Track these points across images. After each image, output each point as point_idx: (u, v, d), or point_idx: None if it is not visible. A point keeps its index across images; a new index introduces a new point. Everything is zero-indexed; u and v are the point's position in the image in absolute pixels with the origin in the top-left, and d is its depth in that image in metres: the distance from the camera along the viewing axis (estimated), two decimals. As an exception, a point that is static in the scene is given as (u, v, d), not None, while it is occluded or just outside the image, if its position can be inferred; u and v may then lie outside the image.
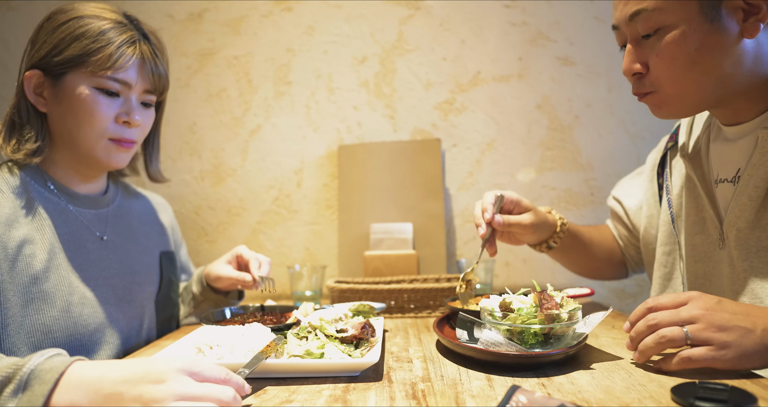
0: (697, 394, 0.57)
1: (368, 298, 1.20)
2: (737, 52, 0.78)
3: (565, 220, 1.14)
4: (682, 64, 0.80)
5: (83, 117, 0.93)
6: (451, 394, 0.65)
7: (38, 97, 0.95)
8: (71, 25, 0.93)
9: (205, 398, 0.57)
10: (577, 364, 0.75)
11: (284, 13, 1.69)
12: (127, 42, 0.94)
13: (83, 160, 0.98)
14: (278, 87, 1.70)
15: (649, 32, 0.81)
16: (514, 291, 0.89)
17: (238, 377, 0.64)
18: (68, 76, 0.93)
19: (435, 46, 1.65)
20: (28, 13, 1.75)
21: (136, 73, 0.96)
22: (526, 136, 1.64)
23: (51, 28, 0.94)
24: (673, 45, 0.79)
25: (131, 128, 0.99)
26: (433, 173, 1.59)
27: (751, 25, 0.77)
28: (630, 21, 0.83)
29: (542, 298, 0.79)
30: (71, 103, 0.93)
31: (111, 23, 0.94)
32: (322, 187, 1.69)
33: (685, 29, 0.78)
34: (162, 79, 1.02)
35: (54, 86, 0.94)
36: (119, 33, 0.94)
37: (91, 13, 0.95)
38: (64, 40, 0.92)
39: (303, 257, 1.69)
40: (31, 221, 0.90)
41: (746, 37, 0.77)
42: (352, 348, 0.80)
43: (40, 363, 0.59)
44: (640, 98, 0.88)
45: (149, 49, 0.98)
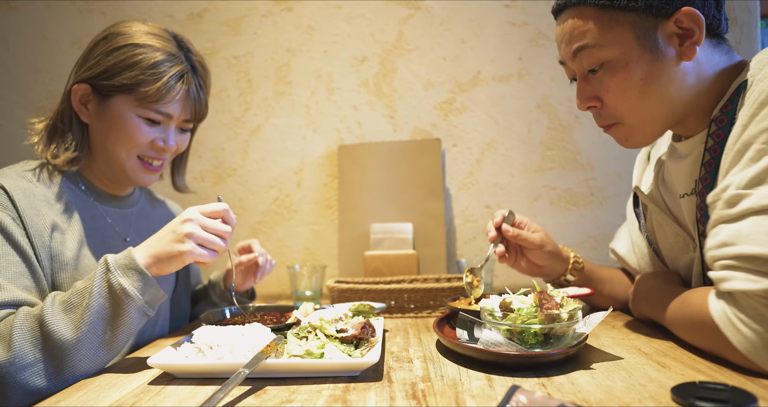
0: (697, 394, 0.57)
1: (368, 298, 1.20)
2: (680, 75, 0.81)
3: (580, 257, 1.15)
4: (633, 95, 0.83)
5: (122, 138, 0.99)
6: (451, 394, 0.65)
7: (82, 107, 1.00)
8: (126, 51, 0.96)
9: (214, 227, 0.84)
10: (577, 364, 0.75)
11: (284, 13, 1.69)
12: (176, 76, 0.98)
13: (115, 174, 1.04)
14: (278, 87, 1.70)
15: (594, 67, 0.85)
16: (514, 291, 0.89)
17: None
18: (115, 98, 0.97)
19: (435, 46, 1.65)
20: (28, 13, 1.75)
21: (179, 106, 1.01)
22: (526, 136, 1.64)
23: (106, 50, 0.97)
24: (619, 79, 0.82)
25: (164, 153, 1.04)
26: (433, 173, 1.59)
27: (687, 48, 0.80)
28: (574, 58, 0.86)
29: (542, 298, 0.79)
30: (113, 123, 0.98)
31: (164, 55, 0.97)
32: (322, 187, 1.69)
33: (627, 62, 0.81)
34: (202, 109, 1.06)
35: (99, 103, 0.99)
36: (171, 65, 0.97)
37: (146, 42, 0.97)
38: (117, 65, 0.96)
39: (303, 257, 1.69)
40: (61, 212, 0.96)
41: (684, 61, 0.80)
42: (352, 348, 0.80)
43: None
44: (606, 130, 0.90)
45: (196, 82, 1.02)
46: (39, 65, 1.75)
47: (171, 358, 0.78)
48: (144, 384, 0.74)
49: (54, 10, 1.74)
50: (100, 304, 0.77)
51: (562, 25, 0.87)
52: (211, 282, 1.28)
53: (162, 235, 0.83)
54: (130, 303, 0.78)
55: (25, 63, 1.76)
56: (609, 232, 1.61)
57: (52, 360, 0.76)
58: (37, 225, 0.89)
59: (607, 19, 0.81)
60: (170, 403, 0.66)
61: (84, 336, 0.76)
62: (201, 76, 1.05)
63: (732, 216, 0.71)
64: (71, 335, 0.76)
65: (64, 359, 0.76)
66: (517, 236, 1.07)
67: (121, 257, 0.81)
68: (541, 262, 1.10)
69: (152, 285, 0.81)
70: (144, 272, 0.79)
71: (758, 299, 0.66)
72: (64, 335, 0.75)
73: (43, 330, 0.76)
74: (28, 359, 0.75)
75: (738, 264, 0.69)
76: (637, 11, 0.79)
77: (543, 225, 1.62)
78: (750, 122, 0.73)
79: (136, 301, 0.79)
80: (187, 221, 0.82)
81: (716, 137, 0.80)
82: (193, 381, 0.74)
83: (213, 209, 0.85)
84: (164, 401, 0.66)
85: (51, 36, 1.74)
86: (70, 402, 0.68)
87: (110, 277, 0.78)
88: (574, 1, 0.84)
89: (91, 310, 0.76)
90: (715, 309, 0.72)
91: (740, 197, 0.71)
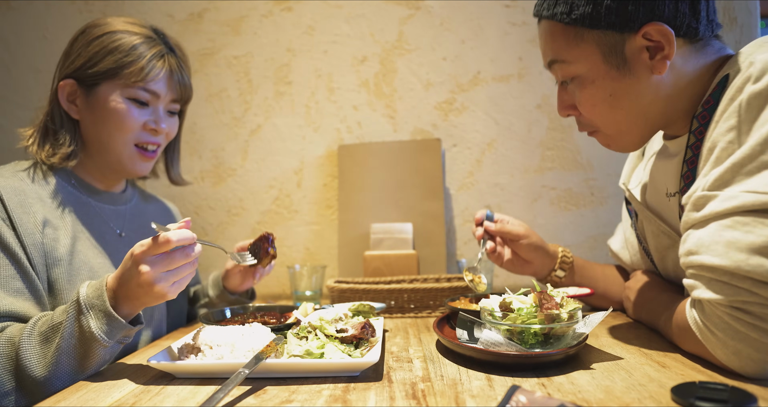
0: (697, 394, 0.57)
1: (368, 298, 1.20)
2: (652, 88, 0.80)
3: (570, 252, 1.16)
4: (603, 110, 0.83)
5: (114, 124, 1.00)
6: (451, 394, 0.65)
7: (71, 105, 1.01)
8: (105, 39, 0.99)
9: (176, 261, 0.77)
10: (577, 364, 0.75)
11: (284, 13, 1.69)
12: (157, 56, 1.01)
13: (111, 165, 1.05)
14: (278, 87, 1.70)
15: (566, 79, 0.86)
16: (514, 291, 0.89)
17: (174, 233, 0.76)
18: (101, 86, 0.99)
19: (435, 46, 1.65)
20: (28, 13, 1.75)
21: (165, 84, 1.03)
22: (526, 136, 1.64)
23: (85, 41, 1.00)
24: (588, 94, 0.83)
25: (157, 135, 1.05)
26: (433, 173, 1.59)
27: (658, 62, 0.77)
28: (549, 68, 0.87)
29: (542, 298, 0.79)
30: (103, 111, 1.00)
31: (141, 38, 1.01)
32: (322, 187, 1.69)
33: (594, 79, 0.81)
34: (187, 89, 1.09)
35: (87, 95, 1.00)
36: (149, 47, 1.01)
37: (123, 28, 1.01)
38: (99, 53, 0.98)
39: (303, 257, 1.69)
40: (54, 209, 0.96)
41: (655, 74, 0.78)
42: (352, 348, 0.80)
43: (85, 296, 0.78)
44: (589, 134, 0.91)
45: (176, 61, 1.05)
46: (39, 65, 1.75)
47: (171, 358, 0.78)
48: (144, 384, 0.74)
49: (54, 10, 1.74)
50: (70, 345, 0.77)
51: (540, 35, 0.88)
52: (210, 282, 1.27)
53: (131, 288, 0.77)
54: (98, 346, 0.77)
55: (25, 63, 1.76)
56: (609, 232, 1.60)
57: (26, 389, 0.78)
58: (26, 223, 0.89)
59: (573, 35, 0.81)
60: (170, 403, 0.66)
61: (52, 373, 0.77)
62: (180, 57, 1.07)
63: (697, 220, 0.71)
64: (41, 371, 0.77)
65: (35, 391, 0.77)
66: (500, 230, 1.10)
67: (93, 294, 0.78)
68: (527, 256, 1.11)
69: (122, 328, 0.78)
70: (114, 317, 0.77)
71: (721, 309, 0.67)
72: (35, 371, 0.77)
73: (19, 363, 0.78)
74: (6, 387, 0.78)
75: (701, 273, 0.69)
76: (601, 28, 0.78)
77: (543, 225, 1.62)
78: (720, 118, 0.72)
79: (105, 344, 0.77)
80: (145, 278, 0.75)
81: (698, 134, 0.78)
82: (193, 381, 0.74)
83: (159, 247, 0.76)
84: (164, 401, 0.66)
85: (51, 36, 1.74)
86: (70, 402, 0.68)
87: (81, 318, 0.77)
88: (544, 15, 0.84)
89: (61, 350, 0.77)
90: (690, 316, 0.74)
91: (706, 199, 0.70)
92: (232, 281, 1.23)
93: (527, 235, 1.10)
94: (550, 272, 1.14)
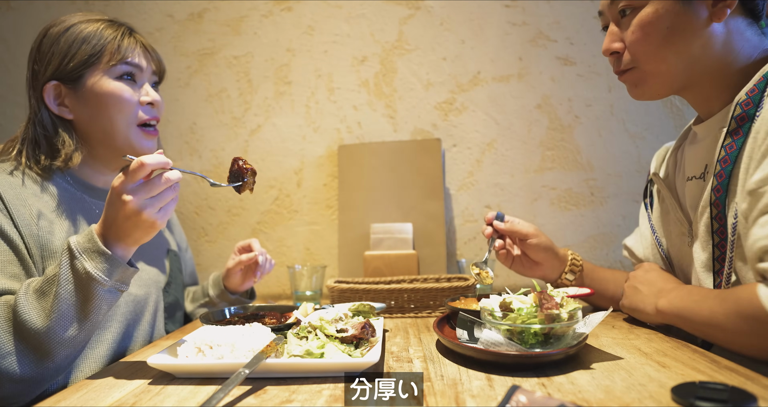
0: (697, 394, 0.57)
1: (368, 298, 1.20)
2: (706, 35, 0.83)
3: (579, 256, 1.16)
4: (655, 41, 0.85)
5: (113, 107, 1.00)
6: (451, 394, 0.65)
7: (61, 107, 1.01)
8: (72, 31, 1.00)
9: (156, 186, 0.76)
10: (577, 364, 0.75)
11: (284, 13, 1.69)
12: (126, 33, 1.04)
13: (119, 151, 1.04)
14: (278, 87, 1.70)
15: (626, 8, 0.87)
16: (514, 291, 0.89)
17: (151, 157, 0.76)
18: (85, 76, 1.00)
19: (435, 46, 1.65)
20: (28, 13, 1.75)
21: (143, 56, 1.05)
22: (526, 136, 1.64)
23: (51, 41, 1.00)
24: (646, 22, 0.85)
25: (154, 108, 1.06)
26: (433, 173, 1.59)
27: (719, 9, 0.82)
28: (611, 3, 0.89)
29: (542, 298, 0.79)
30: (97, 99, 1.00)
31: (103, 23, 1.03)
32: (322, 187, 1.69)
33: (658, 8, 0.84)
34: (161, 62, 1.11)
35: (75, 90, 1.00)
36: (114, 29, 1.03)
37: (83, 19, 1.03)
38: (72, 46, 0.99)
39: (303, 257, 1.69)
40: (48, 202, 0.96)
41: (714, 21, 0.82)
42: (352, 348, 0.80)
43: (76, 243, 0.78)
44: (620, 77, 0.93)
45: (142, 38, 1.08)
46: (39, 65, 1.75)
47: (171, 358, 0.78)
48: (144, 384, 0.74)
49: (54, 10, 1.74)
50: (68, 291, 0.77)
51: None
52: (210, 282, 1.28)
53: (120, 224, 0.77)
54: (98, 287, 0.77)
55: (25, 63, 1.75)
56: (609, 232, 1.61)
57: (29, 348, 0.77)
58: (23, 214, 0.90)
59: None
60: (170, 403, 0.66)
61: (54, 323, 0.76)
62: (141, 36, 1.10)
63: None
64: (42, 323, 0.76)
65: (39, 347, 0.77)
66: (509, 228, 1.11)
67: (83, 239, 0.79)
68: (537, 257, 1.11)
69: (119, 266, 0.79)
70: (109, 255, 0.77)
71: None
72: (36, 324, 0.76)
73: (17, 320, 0.77)
74: (7, 348, 0.77)
75: None
76: None
77: (543, 225, 1.62)
78: None
79: (104, 284, 0.78)
80: (129, 208, 0.75)
81: (740, 121, 0.81)
82: (193, 381, 0.74)
83: (134, 174, 0.75)
84: (164, 401, 0.66)
85: (51, 36, 1.74)
86: (70, 402, 0.68)
87: (75, 263, 0.77)
88: None
89: (60, 298, 0.76)
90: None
91: None
92: (233, 280, 1.23)
93: (536, 235, 1.11)
94: (560, 275, 1.14)
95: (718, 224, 0.84)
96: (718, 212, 0.83)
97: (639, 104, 1.61)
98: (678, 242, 0.97)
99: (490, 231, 1.13)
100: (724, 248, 0.84)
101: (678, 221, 0.95)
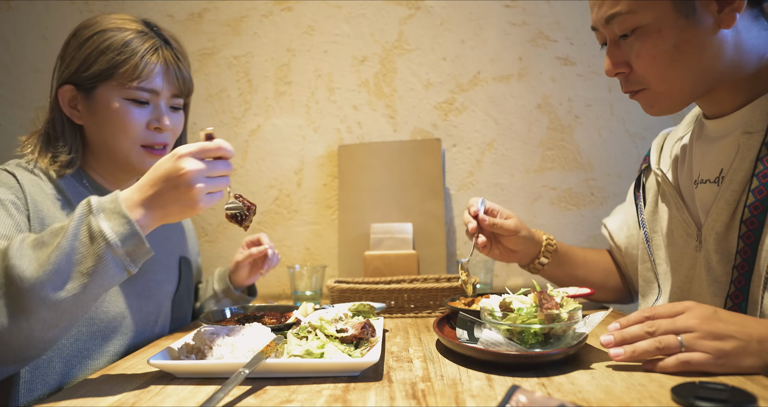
0: (697, 394, 0.57)
1: (368, 298, 1.20)
2: (716, 44, 0.79)
3: (553, 238, 1.16)
4: (663, 62, 0.81)
5: (117, 127, 0.98)
6: (451, 394, 0.65)
7: (73, 110, 1.00)
8: (96, 39, 0.97)
9: (218, 169, 0.74)
10: (577, 364, 0.75)
11: (284, 13, 1.69)
12: (150, 50, 0.98)
13: (120, 167, 1.03)
14: (278, 87, 1.70)
15: (626, 33, 0.82)
16: (514, 291, 0.89)
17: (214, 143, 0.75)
18: (99, 89, 0.97)
19: (435, 46, 1.65)
20: (28, 13, 1.75)
21: (162, 79, 1.00)
22: (526, 136, 1.64)
23: (77, 43, 0.98)
24: (651, 45, 0.80)
25: (161, 133, 1.03)
26: (433, 173, 1.59)
27: (726, 15, 0.77)
28: (606, 23, 0.83)
29: (542, 298, 0.79)
30: (104, 115, 0.98)
31: (133, 33, 0.98)
32: (322, 187, 1.69)
33: (661, 28, 0.79)
34: (186, 82, 1.05)
35: (87, 99, 0.98)
36: (142, 42, 0.97)
37: (113, 25, 0.98)
38: (91, 55, 0.96)
39: (303, 257, 1.69)
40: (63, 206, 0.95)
41: (723, 28, 0.78)
42: (352, 347, 0.80)
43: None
44: (632, 96, 0.89)
45: (171, 54, 1.02)
46: (39, 65, 1.75)
47: (171, 358, 0.78)
48: (144, 384, 0.74)
49: (54, 10, 1.74)
50: (72, 245, 0.68)
51: None
52: (216, 277, 1.29)
53: (160, 189, 0.72)
54: (108, 251, 0.68)
55: (25, 63, 1.76)
56: (609, 232, 1.61)
57: (8, 297, 0.67)
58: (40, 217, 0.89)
59: None
60: (170, 403, 0.66)
61: (46, 276, 0.66)
62: (175, 48, 1.04)
63: None
64: (32, 273, 0.66)
65: (20, 298, 0.66)
66: (493, 225, 1.07)
67: (106, 199, 0.71)
68: (516, 247, 1.11)
69: (136, 235, 0.70)
70: (130, 220, 0.69)
71: None
72: (25, 271, 0.66)
73: (5, 264, 0.67)
74: None
75: None
76: None
77: (543, 225, 1.62)
78: None
79: (115, 249, 0.69)
80: (189, 174, 0.71)
81: None
82: (193, 381, 0.74)
83: (208, 149, 0.75)
84: (164, 401, 0.66)
85: (51, 36, 1.74)
86: (70, 402, 0.68)
87: (90, 219, 0.69)
88: None
89: (61, 249, 0.67)
90: None
91: None
92: (240, 274, 1.25)
93: (519, 230, 1.09)
94: (533, 260, 1.14)
95: (744, 243, 0.79)
96: (748, 231, 0.79)
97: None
98: (682, 243, 0.93)
99: (475, 226, 1.07)
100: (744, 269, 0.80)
101: (684, 222, 0.92)
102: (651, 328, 0.71)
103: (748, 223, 0.79)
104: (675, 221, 0.95)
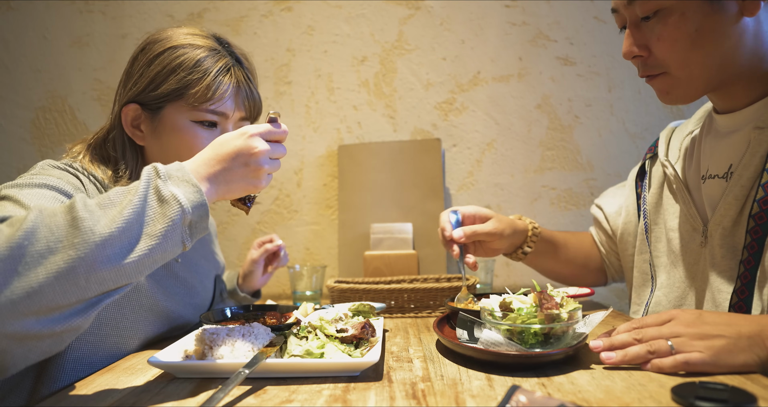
0: (697, 394, 0.57)
1: (368, 298, 1.20)
2: (737, 32, 0.78)
3: (537, 225, 1.15)
4: (684, 46, 0.80)
5: (183, 150, 0.92)
6: (451, 394, 0.65)
7: (135, 130, 0.94)
8: (166, 56, 0.91)
9: (279, 152, 0.76)
10: (577, 364, 0.75)
11: (284, 13, 1.69)
12: (223, 70, 0.92)
13: None
14: (278, 87, 1.70)
15: (648, 14, 0.81)
16: (514, 291, 0.89)
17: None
18: (166, 109, 0.92)
19: (435, 46, 1.65)
20: (28, 13, 1.75)
21: (232, 102, 0.94)
22: (526, 136, 1.64)
23: (146, 60, 0.92)
24: (673, 27, 0.79)
25: None
26: (433, 173, 1.59)
27: (750, 3, 0.76)
28: (629, 4, 0.83)
29: (542, 298, 0.79)
30: (170, 136, 0.92)
31: (205, 51, 0.92)
32: (322, 187, 1.69)
33: (684, 11, 0.78)
34: (257, 104, 1.00)
35: (152, 120, 0.93)
36: (215, 61, 0.92)
37: (184, 41, 0.92)
38: (161, 73, 0.90)
39: (303, 257, 1.69)
40: None
41: (746, 16, 0.77)
42: (352, 347, 0.80)
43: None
44: (648, 81, 0.88)
45: (243, 74, 0.96)
46: (39, 65, 1.75)
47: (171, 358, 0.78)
48: (144, 384, 0.74)
49: (54, 10, 1.74)
50: (143, 205, 0.63)
51: None
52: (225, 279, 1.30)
53: (229, 166, 0.71)
54: (180, 215, 0.64)
55: (25, 63, 1.76)
56: (609, 232, 1.61)
57: (75, 248, 0.58)
58: None
59: None
60: (170, 403, 0.66)
61: (117, 233, 0.60)
62: (248, 68, 0.99)
63: None
64: (104, 226, 0.60)
65: (87, 251, 0.58)
66: (473, 235, 1.05)
67: (172, 167, 0.68)
68: (500, 246, 1.11)
69: (204, 206, 0.67)
70: (200, 190, 0.67)
71: None
72: (95, 226, 0.59)
73: (72, 215, 0.59)
74: (39, 246, 0.57)
75: None
76: None
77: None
78: None
79: (186, 215, 0.65)
80: (260, 154, 0.72)
81: None
82: (193, 381, 0.74)
83: (276, 132, 0.76)
84: (164, 401, 0.66)
85: (51, 36, 1.74)
86: (70, 402, 0.68)
87: (159, 183, 0.65)
88: None
89: (134, 206, 0.62)
90: None
91: None
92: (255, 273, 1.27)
93: (500, 231, 1.07)
94: (516, 250, 1.14)
95: (751, 238, 0.79)
96: (756, 225, 0.78)
97: (639, 103, 1.61)
98: (686, 238, 0.92)
99: (458, 251, 1.04)
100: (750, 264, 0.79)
101: (690, 217, 0.91)
102: (638, 335, 0.71)
103: (756, 218, 0.79)
104: (680, 215, 0.94)
